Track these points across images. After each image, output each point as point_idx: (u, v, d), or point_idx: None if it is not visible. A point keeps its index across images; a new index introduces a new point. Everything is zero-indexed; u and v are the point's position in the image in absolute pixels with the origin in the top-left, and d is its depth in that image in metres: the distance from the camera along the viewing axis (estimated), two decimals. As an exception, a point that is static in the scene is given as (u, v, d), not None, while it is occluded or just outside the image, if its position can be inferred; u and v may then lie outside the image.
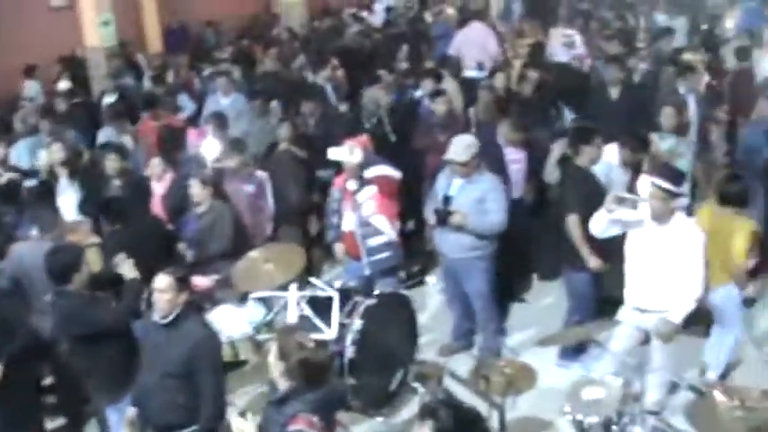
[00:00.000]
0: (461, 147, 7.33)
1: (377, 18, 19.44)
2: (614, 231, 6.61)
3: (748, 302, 8.38)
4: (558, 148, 8.92)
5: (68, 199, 8.89)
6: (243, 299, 7.31)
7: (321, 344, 5.64)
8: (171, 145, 9.62)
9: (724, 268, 6.97)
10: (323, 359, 4.85)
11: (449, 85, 11.34)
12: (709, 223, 6.97)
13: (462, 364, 7.49)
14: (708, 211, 7.33)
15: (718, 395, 5.28)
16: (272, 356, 4.77)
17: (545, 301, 9.06)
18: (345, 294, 7.05)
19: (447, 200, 7.41)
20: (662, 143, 9.10)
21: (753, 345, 8.20)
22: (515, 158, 8.77)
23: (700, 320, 7.66)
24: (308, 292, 6.98)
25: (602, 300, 7.52)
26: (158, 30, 19.27)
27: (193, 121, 11.73)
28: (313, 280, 7.14)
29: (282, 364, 4.71)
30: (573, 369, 7.49)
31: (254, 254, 7.14)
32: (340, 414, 5.58)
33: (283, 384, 4.72)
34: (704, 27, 17.52)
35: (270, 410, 4.80)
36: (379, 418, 7.00)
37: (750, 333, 8.35)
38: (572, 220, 7.32)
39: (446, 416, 4.21)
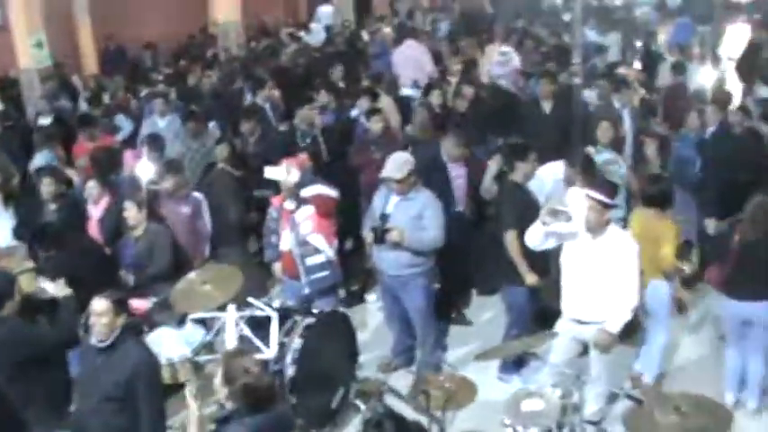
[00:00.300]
0: (397, 164, 7.37)
1: (314, 37, 19.45)
2: (550, 244, 6.67)
3: (682, 308, 8.57)
4: (494, 165, 9.00)
5: (3, 224, 8.75)
6: (181, 321, 7.24)
7: (262, 364, 5.61)
8: (105, 166, 9.50)
9: (651, 266, 7.14)
10: (267, 384, 4.83)
11: (385, 103, 11.39)
12: (638, 226, 7.26)
13: (403, 380, 7.48)
14: (637, 214, 7.59)
15: (654, 402, 5.37)
16: (218, 380, 4.76)
17: (485, 317, 9.11)
18: (284, 314, 7.03)
19: (384, 217, 7.43)
20: (597, 156, 9.24)
21: (689, 350, 8.36)
22: (457, 174, 8.83)
23: (636, 330, 7.83)
24: (246, 313, 6.94)
25: (541, 313, 7.61)
26: (94, 51, 19.09)
27: (131, 141, 11.63)
28: (251, 300, 7.09)
29: (227, 388, 4.69)
30: (513, 382, 7.56)
31: (192, 275, 7.08)
32: None
33: (229, 405, 4.71)
34: (638, 43, 17.86)
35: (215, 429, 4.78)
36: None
37: (686, 339, 8.52)
38: (509, 236, 7.38)
39: (390, 428, 4.24)
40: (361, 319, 8.84)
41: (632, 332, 7.61)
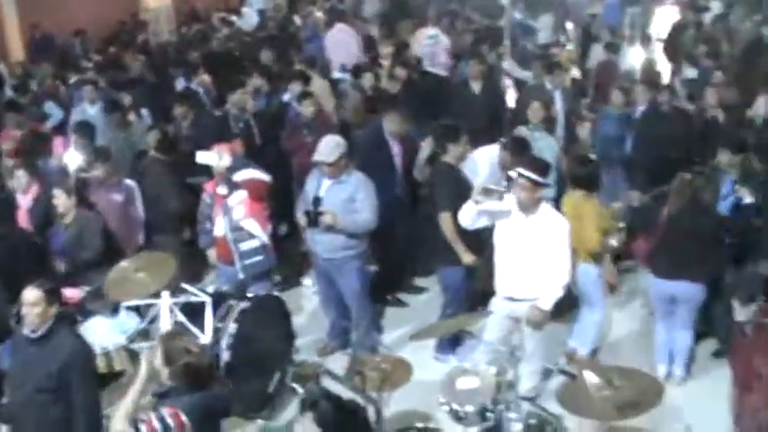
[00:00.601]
0: (329, 147, 7.38)
1: (246, 21, 19.28)
2: (482, 223, 6.73)
3: (613, 288, 8.71)
4: (426, 146, 9.04)
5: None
6: (115, 309, 7.16)
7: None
8: (32, 152, 9.33)
9: (580, 249, 7.27)
10: (208, 363, 4.87)
11: (318, 86, 11.36)
12: (568, 207, 7.41)
13: (340, 362, 7.52)
14: (567, 195, 7.74)
15: (588, 376, 5.46)
16: (158, 361, 4.75)
17: (420, 298, 9.18)
18: (219, 299, 7.00)
19: (317, 201, 7.43)
20: (529, 135, 9.34)
21: (621, 325, 8.54)
22: (395, 153, 8.89)
23: (569, 307, 7.96)
24: (181, 299, 6.89)
25: (477, 292, 7.68)
26: (20, 38, 18.68)
27: (61, 129, 11.43)
28: (185, 286, 7.04)
29: (167, 369, 4.69)
30: (449, 362, 7.61)
31: (124, 263, 7.00)
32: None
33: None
34: (569, 24, 18.03)
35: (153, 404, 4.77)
36: (260, 421, 6.98)
37: (618, 314, 8.70)
38: (444, 218, 7.43)
39: (326, 407, 4.27)
40: (296, 303, 8.85)
41: (566, 309, 7.75)
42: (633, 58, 13.74)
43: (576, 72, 13.80)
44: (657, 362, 7.59)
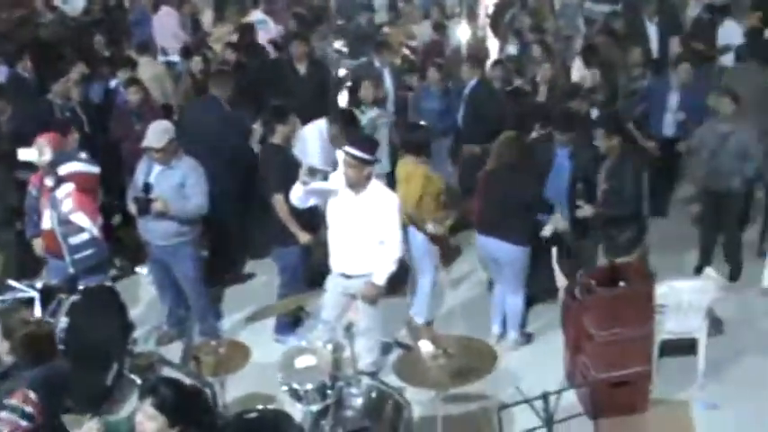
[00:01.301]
0: (157, 133, 7.29)
1: (71, 5, 18.59)
2: (313, 202, 6.79)
3: (447, 260, 8.97)
4: (258, 128, 9.03)
5: None
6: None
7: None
8: None
9: (416, 211, 7.52)
10: (47, 332, 4.89)
11: (150, 71, 11.14)
12: (402, 172, 7.72)
13: (180, 350, 7.43)
14: (401, 161, 7.96)
15: (423, 346, 5.60)
16: None
17: (259, 280, 9.19)
18: (48, 293, 6.79)
19: (147, 187, 7.33)
20: (363, 116, 9.47)
21: (460, 294, 8.86)
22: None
23: (406, 281, 8.14)
24: (8, 296, 6.66)
25: (314, 271, 7.74)
26: None
27: None
28: (11, 282, 6.81)
29: (7, 343, 4.59)
30: (290, 342, 7.64)
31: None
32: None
33: (8, 360, 4.68)
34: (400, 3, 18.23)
35: None
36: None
37: (460, 281, 9.05)
38: (277, 200, 7.45)
39: (166, 391, 4.24)
40: (133, 293, 8.72)
41: (401, 283, 7.92)
42: (461, 34, 13.98)
43: (406, 50, 14.01)
44: (492, 323, 7.90)
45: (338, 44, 13.89)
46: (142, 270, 9.24)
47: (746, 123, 8.59)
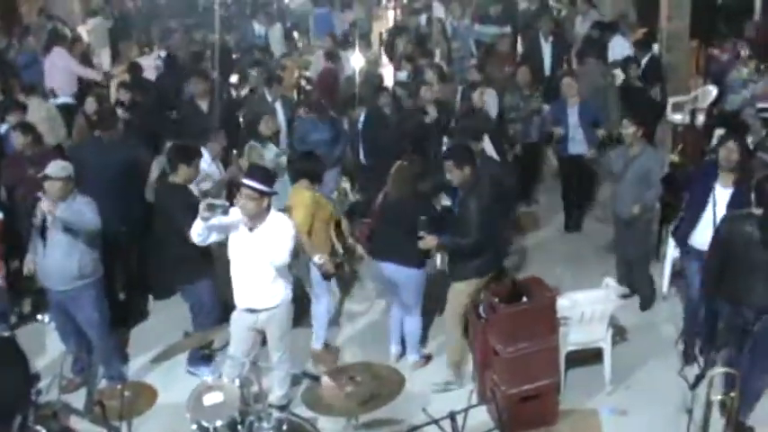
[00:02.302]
0: (57, 166, 7.24)
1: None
2: (215, 237, 6.74)
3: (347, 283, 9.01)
4: (157, 166, 8.95)
5: None
6: None
7: None
8: None
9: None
10: None
11: (39, 113, 10.93)
12: (292, 197, 7.86)
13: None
14: (294, 188, 8.00)
15: (330, 376, 5.63)
16: None
17: (163, 318, 9.07)
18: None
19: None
20: (266, 151, 9.50)
21: (363, 319, 8.98)
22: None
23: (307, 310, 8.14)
24: None
25: (223, 306, 7.66)
26: None
27: None
28: None
29: None
30: (203, 374, 7.48)
31: None
32: None
33: None
34: (296, 34, 18.37)
35: None
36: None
37: (358, 307, 9.17)
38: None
39: None
40: (37, 341, 8.48)
41: (303, 312, 7.92)
42: (354, 63, 14.09)
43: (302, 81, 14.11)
44: (390, 342, 8.02)
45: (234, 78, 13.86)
46: (44, 317, 9.02)
47: (652, 149, 8.82)
